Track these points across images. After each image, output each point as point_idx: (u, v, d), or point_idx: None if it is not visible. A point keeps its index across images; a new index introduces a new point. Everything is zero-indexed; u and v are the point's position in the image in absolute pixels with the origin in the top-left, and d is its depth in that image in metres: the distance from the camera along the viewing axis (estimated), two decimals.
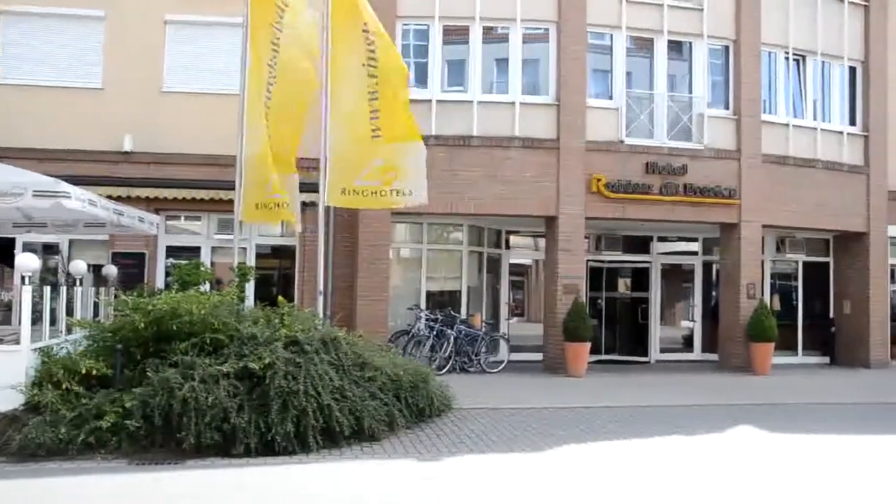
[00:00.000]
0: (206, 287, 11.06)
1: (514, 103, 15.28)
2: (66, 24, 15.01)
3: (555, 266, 15.28)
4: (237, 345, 8.29)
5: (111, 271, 12.57)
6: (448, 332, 14.78)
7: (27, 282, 8.51)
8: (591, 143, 15.35)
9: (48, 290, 9.39)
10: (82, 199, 8.80)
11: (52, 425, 7.43)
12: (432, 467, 7.50)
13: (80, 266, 11.01)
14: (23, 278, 8.56)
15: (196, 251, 14.97)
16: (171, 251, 15.05)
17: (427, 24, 15.40)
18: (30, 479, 6.84)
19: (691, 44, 16.42)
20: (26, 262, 8.62)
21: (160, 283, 14.15)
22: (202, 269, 11.39)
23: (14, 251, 13.62)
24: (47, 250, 14.67)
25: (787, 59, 17.13)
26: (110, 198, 12.00)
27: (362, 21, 10.53)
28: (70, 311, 10.12)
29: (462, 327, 15.11)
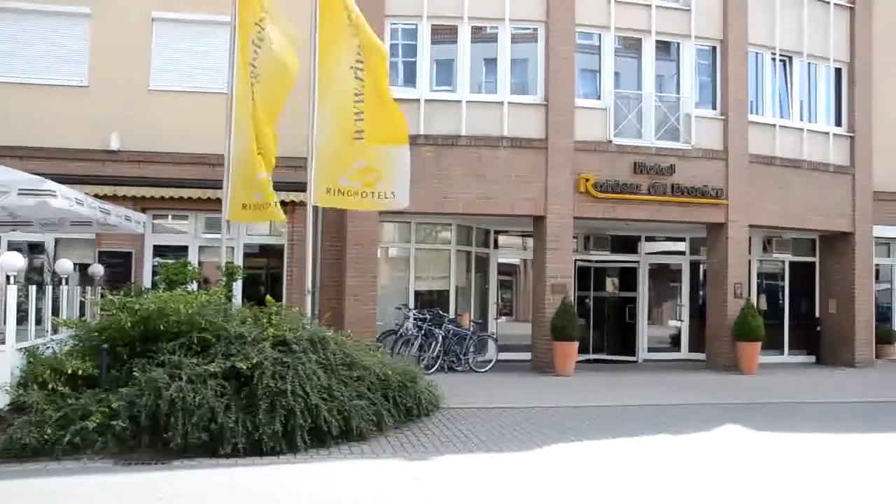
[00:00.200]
0: (193, 286, 11.01)
1: (502, 103, 15.29)
2: (51, 22, 14.89)
3: (543, 265, 15.31)
4: (225, 344, 8.24)
5: (97, 270, 12.50)
6: (436, 331, 14.78)
7: (12, 281, 8.44)
8: (579, 143, 15.38)
9: (34, 290, 9.32)
10: (68, 198, 8.74)
11: (37, 426, 7.36)
12: (420, 467, 7.49)
13: (66, 265, 10.94)
14: (8, 277, 8.48)
15: (183, 250, 14.90)
16: (158, 250, 14.99)
17: (415, 24, 15.38)
18: (14, 480, 6.77)
19: (679, 44, 16.49)
20: (11, 261, 8.55)
21: (147, 283, 14.08)
22: (189, 268, 11.36)
23: None
24: (33, 249, 14.57)
25: (773, 59, 17.23)
26: (97, 196, 11.93)
27: (350, 23, 10.53)
28: (56, 311, 10.05)
29: (450, 327, 15.11)
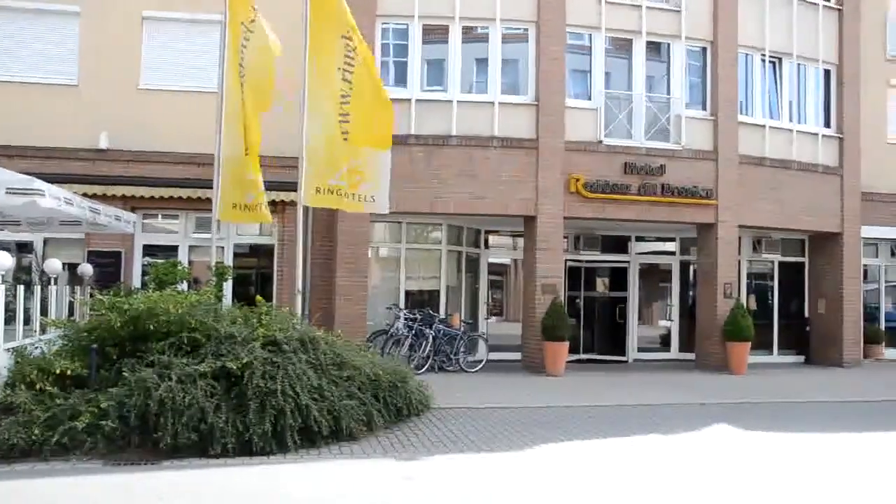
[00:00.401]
0: (183, 286, 10.98)
1: (493, 103, 15.30)
2: (40, 20, 14.83)
3: (533, 265, 15.32)
4: (215, 344, 8.22)
5: (87, 270, 12.45)
6: (427, 331, 14.78)
7: (0, 280, 8.40)
8: (569, 143, 15.41)
9: (22, 290, 9.28)
10: (57, 198, 8.70)
11: (25, 426, 7.32)
12: (411, 467, 7.49)
13: (54, 265, 10.90)
14: None
15: (173, 250, 14.88)
16: (148, 250, 14.95)
17: (406, 24, 15.38)
18: (2, 482, 6.73)
19: (669, 45, 16.54)
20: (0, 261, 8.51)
21: (137, 283, 14.04)
22: (179, 268, 11.32)
23: None
24: (21, 249, 14.49)
25: (763, 61, 17.31)
26: (86, 196, 11.89)
27: (344, 27, 10.56)
28: (45, 311, 10.01)
29: (441, 327, 15.11)
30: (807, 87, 17.88)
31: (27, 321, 9.43)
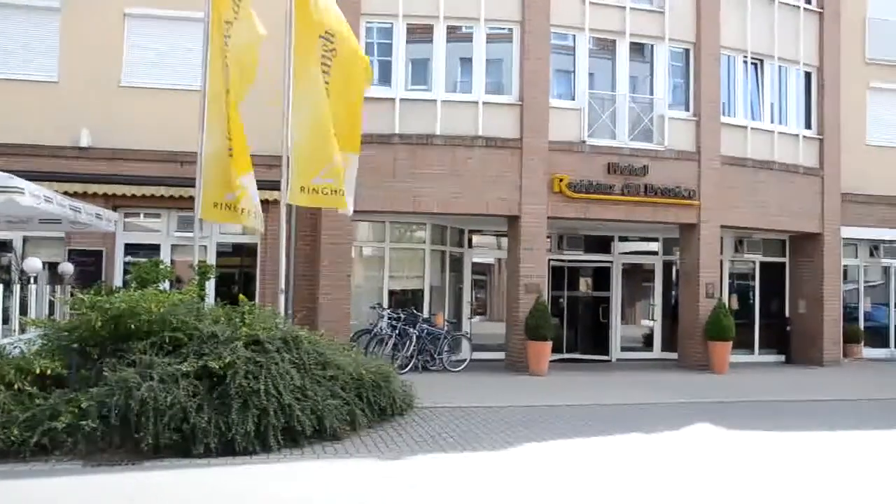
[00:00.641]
0: (165, 285, 10.91)
1: (477, 103, 15.31)
2: (20, 16, 14.69)
3: (517, 265, 15.35)
4: (197, 344, 8.17)
5: (67, 269, 12.35)
6: (410, 330, 14.77)
7: None
8: (553, 143, 15.45)
9: (1, 289, 9.18)
10: (37, 195, 8.63)
11: (4, 426, 7.24)
12: (394, 466, 7.48)
13: (34, 263, 10.79)
14: None
15: (155, 249, 14.77)
16: (130, 249, 14.84)
17: (391, 23, 15.35)
18: None
19: (653, 46, 16.63)
20: None
21: (118, 282, 13.92)
22: (161, 267, 11.23)
23: None
24: (0, 247, 14.33)
25: (745, 62, 17.43)
26: (66, 194, 11.80)
27: (321, 26, 10.49)
28: (24, 310, 9.91)
29: (424, 326, 15.11)
30: (788, 89, 18.03)
31: (6, 320, 9.35)
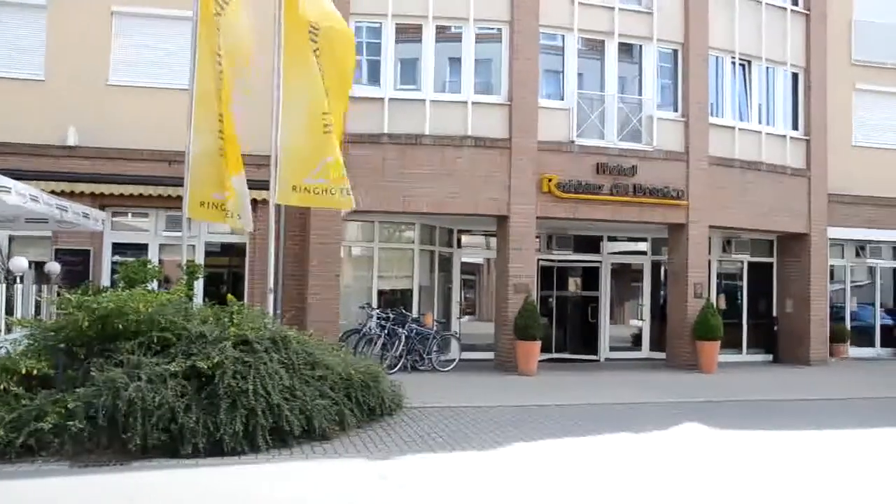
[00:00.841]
0: (153, 285, 10.85)
1: (466, 102, 15.32)
2: (6, 13, 14.58)
3: (506, 265, 15.36)
4: (185, 344, 8.13)
5: (54, 268, 12.26)
6: (399, 330, 14.76)
7: None
8: (542, 144, 15.47)
9: None
10: (23, 194, 8.57)
11: None
12: (384, 466, 7.47)
13: (20, 263, 10.71)
14: None
15: (143, 248, 14.70)
16: (118, 248, 14.75)
17: (380, 23, 15.33)
18: None
19: (641, 47, 16.68)
20: None
21: (106, 281, 13.84)
22: (150, 266, 11.19)
23: None
24: None
25: (733, 63, 17.52)
26: (53, 193, 11.72)
27: (309, 18, 10.38)
28: (10, 310, 9.84)
29: (413, 326, 15.10)
30: (775, 90, 18.13)
31: None
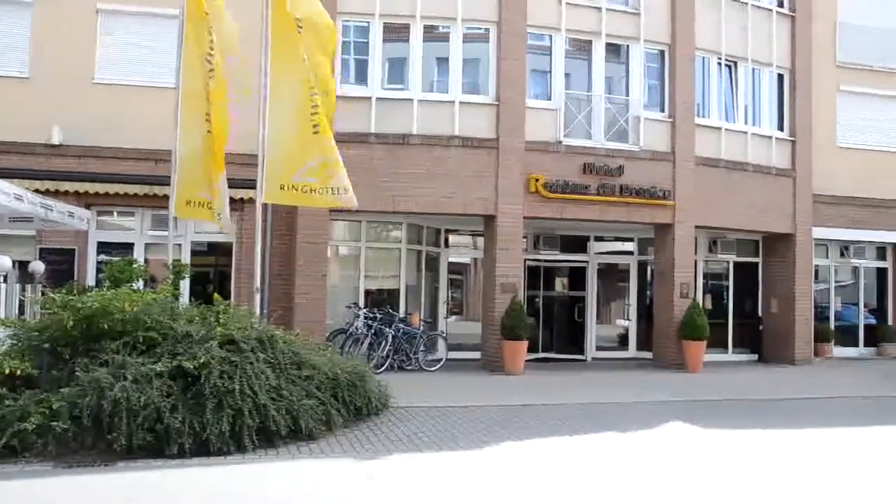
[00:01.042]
0: (139, 285, 10.79)
1: (454, 102, 15.32)
2: None
3: (493, 265, 15.37)
4: (171, 343, 8.10)
5: (38, 268, 12.16)
6: (386, 330, 14.75)
7: None
8: (530, 144, 15.50)
9: None
10: (7, 193, 8.51)
11: None
12: (370, 466, 7.46)
13: (4, 262, 10.61)
14: None
15: (129, 248, 14.60)
16: (103, 247, 14.64)
17: (367, 22, 15.31)
18: None
19: (628, 47, 16.73)
20: None
21: (91, 281, 13.75)
22: (135, 266, 11.11)
23: None
24: None
25: (719, 64, 17.60)
26: (38, 192, 11.64)
27: (295, 15, 10.35)
28: None
29: (400, 325, 15.10)
30: (761, 91, 18.23)
31: None
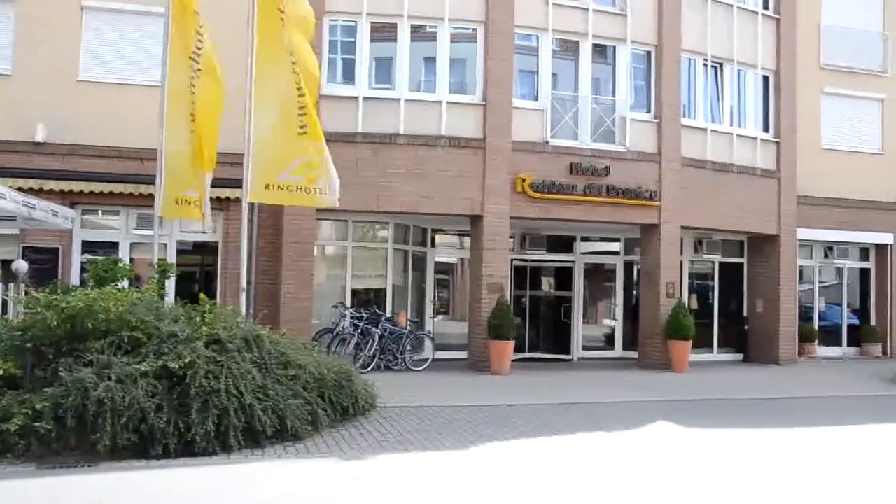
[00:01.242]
0: (124, 284, 10.72)
1: (441, 102, 15.32)
2: None
3: (479, 265, 15.38)
4: (156, 343, 8.04)
5: (21, 267, 12.03)
6: (373, 330, 14.73)
7: None
8: (516, 144, 15.52)
9: None
10: None
11: None
12: (357, 466, 7.44)
13: None
14: None
15: (114, 247, 14.49)
16: (88, 246, 14.52)
17: (355, 21, 15.29)
18: None
19: (615, 48, 16.79)
20: None
21: (75, 280, 13.65)
22: (120, 265, 11.04)
23: None
24: None
25: (705, 66, 17.70)
26: (21, 190, 11.53)
27: (280, 15, 10.31)
28: None
29: (387, 325, 15.08)
30: (746, 92, 18.37)
31: None
